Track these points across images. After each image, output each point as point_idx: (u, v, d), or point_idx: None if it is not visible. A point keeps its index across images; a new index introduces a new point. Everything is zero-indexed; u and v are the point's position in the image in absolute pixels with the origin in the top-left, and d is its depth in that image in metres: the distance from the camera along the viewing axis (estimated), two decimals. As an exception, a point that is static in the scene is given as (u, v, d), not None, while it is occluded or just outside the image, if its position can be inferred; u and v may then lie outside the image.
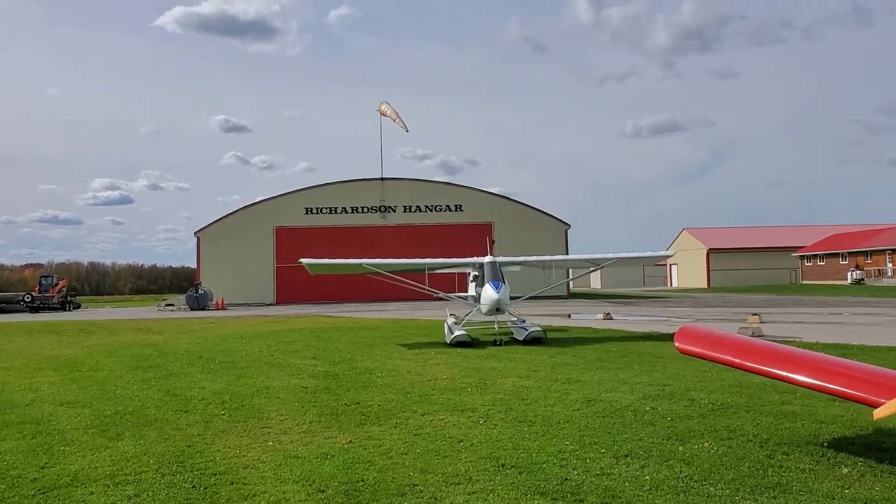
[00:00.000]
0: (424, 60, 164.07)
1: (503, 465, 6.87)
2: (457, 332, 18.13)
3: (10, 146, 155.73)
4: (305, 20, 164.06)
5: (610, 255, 21.26)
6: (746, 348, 7.37)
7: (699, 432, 8.04)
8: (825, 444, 7.34)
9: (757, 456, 7.00)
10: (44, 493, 6.39)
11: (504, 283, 18.23)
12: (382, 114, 61.96)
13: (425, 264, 20.16)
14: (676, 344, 7.85)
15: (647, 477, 6.41)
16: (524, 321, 19.79)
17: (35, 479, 6.82)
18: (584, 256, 22.04)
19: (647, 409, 9.45)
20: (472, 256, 21.52)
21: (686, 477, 6.39)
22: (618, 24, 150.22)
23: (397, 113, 61.18)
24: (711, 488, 6.09)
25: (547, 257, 22.45)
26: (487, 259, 19.25)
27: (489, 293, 17.81)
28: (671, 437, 7.87)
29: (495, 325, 18.41)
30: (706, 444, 7.47)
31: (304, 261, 20.33)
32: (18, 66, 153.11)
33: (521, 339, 18.33)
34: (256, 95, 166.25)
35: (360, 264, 19.91)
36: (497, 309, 18.05)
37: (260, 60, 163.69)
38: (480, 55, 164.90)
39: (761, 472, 6.50)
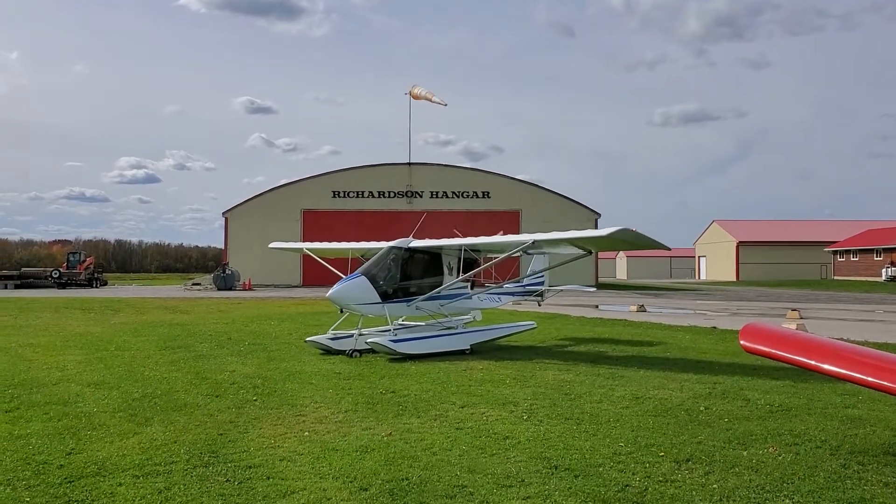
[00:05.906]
0: (449, 44, 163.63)
1: (556, 467, 6.40)
2: (322, 336, 14.92)
3: (36, 121, 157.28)
4: (331, 0, 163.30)
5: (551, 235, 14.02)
6: (822, 349, 6.79)
7: (762, 436, 7.51)
8: (907, 455, 6.78)
9: (831, 465, 6.45)
10: (70, 482, 6.02)
11: (367, 276, 14.19)
12: (415, 97, 60.85)
13: (350, 250, 17.77)
14: (742, 342, 7.30)
15: (714, 486, 5.91)
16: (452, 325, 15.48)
17: (61, 465, 6.47)
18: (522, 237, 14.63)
19: (701, 408, 8.92)
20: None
21: (757, 487, 5.88)
22: (648, 9, 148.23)
23: (431, 92, 60.37)
24: (788, 501, 5.58)
25: (486, 239, 15.24)
26: (388, 244, 15.37)
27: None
28: (732, 440, 7.34)
29: (356, 331, 14.74)
30: (772, 450, 6.94)
31: (271, 245, 20.95)
32: (45, 41, 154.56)
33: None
34: (281, 76, 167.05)
35: (301, 249, 19.43)
36: (341, 310, 14.43)
37: (285, 40, 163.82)
38: (506, 39, 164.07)
39: (839, 483, 5.96)
